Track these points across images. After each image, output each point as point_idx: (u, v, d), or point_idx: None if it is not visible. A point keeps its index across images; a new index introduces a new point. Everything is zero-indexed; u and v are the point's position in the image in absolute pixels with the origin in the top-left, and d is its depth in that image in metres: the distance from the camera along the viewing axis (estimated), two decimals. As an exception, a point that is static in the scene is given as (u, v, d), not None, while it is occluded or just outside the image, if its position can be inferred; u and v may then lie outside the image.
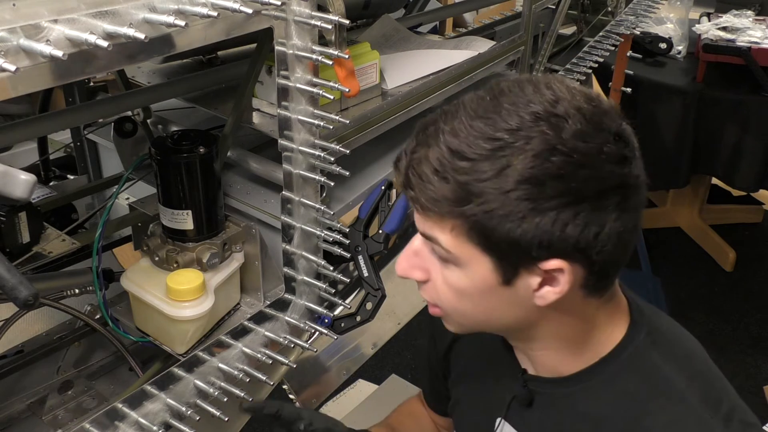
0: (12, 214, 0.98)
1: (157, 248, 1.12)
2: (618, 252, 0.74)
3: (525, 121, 0.69)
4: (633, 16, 2.17)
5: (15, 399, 1.11)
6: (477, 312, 0.80)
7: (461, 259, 0.75)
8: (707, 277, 3.14)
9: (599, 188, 0.70)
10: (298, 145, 1.02)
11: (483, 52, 1.46)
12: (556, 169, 0.68)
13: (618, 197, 0.71)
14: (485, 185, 0.69)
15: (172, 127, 1.25)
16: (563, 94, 0.72)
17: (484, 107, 0.72)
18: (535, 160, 0.68)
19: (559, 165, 0.68)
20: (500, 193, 0.69)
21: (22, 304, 0.76)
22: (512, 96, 0.72)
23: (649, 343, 0.83)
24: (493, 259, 0.73)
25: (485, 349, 0.96)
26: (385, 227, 1.09)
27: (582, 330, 0.82)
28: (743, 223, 3.47)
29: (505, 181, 0.68)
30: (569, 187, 0.69)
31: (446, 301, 0.80)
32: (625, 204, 0.72)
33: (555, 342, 0.83)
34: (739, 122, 2.65)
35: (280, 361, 1.08)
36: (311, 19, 0.94)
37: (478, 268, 0.74)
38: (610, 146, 0.70)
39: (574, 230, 0.70)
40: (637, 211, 0.74)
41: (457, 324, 0.84)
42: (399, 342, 2.67)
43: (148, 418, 0.94)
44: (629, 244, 0.75)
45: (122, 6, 0.73)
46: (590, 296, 0.78)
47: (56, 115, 1.15)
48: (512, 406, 0.90)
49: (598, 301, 0.80)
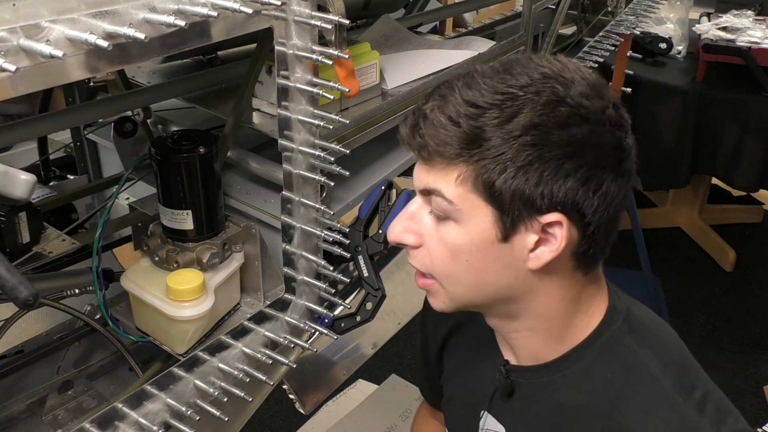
0: (12, 214, 0.98)
1: (157, 248, 1.12)
2: (610, 218, 0.77)
3: (535, 79, 0.74)
4: (633, 16, 2.17)
5: (15, 399, 1.11)
6: (469, 274, 0.80)
7: (462, 212, 0.76)
8: (707, 277, 3.14)
9: (600, 144, 0.74)
10: (298, 145, 1.02)
11: (483, 52, 1.46)
12: (563, 118, 0.72)
13: (615, 159, 0.76)
14: (494, 130, 0.72)
15: (172, 127, 1.25)
16: (570, 65, 0.77)
17: (496, 70, 0.77)
18: (544, 109, 0.72)
19: (566, 115, 0.72)
20: (508, 138, 0.72)
21: (22, 304, 0.76)
22: (522, 64, 0.77)
23: (625, 329, 0.85)
24: (495, 210, 0.75)
25: (473, 345, 0.98)
26: (386, 227, 1.09)
27: (565, 309, 0.83)
28: (743, 223, 3.47)
29: (513, 127, 0.72)
30: (572, 138, 0.73)
31: (439, 263, 0.81)
32: (620, 167, 0.76)
33: (538, 322, 0.84)
34: (739, 122, 2.65)
35: (280, 361, 1.08)
36: (311, 19, 0.94)
37: (479, 221, 0.76)
38: (610, 111, 0.76)
39: (574, 183, 0.73)
40: (629, 180, 0.78)
41: (445, 295, 0.84)
42: (399, 342, 2.67)
43: (148, 418, 0.94)
44: (620, 214, 0.79)
45: (122, 6, 0.73)
46: (578, 269, 0.81)
47: (56, 115, 1.15)
48: (494, 398, 0.92)
49: (584, 279, 0.82)
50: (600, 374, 0.83)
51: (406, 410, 2.05)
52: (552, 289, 0.81)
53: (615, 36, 2.05)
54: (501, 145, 0.72)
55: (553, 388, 0.85)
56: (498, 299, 0.83)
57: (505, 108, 0.72)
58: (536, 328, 0.85)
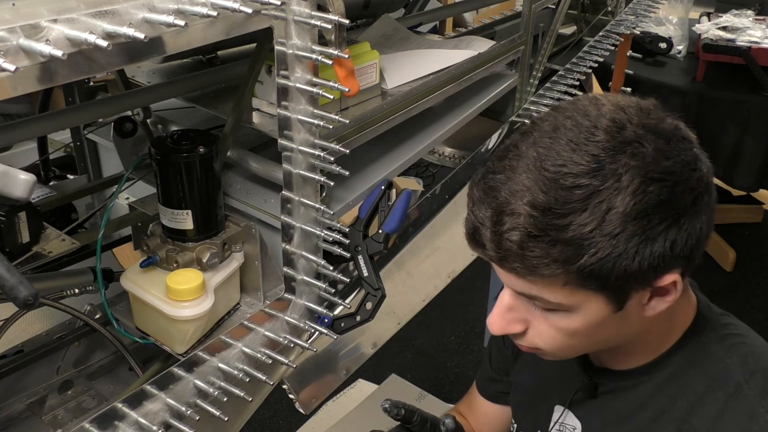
0: (12, 214, 0.98)
1: (156, 248, 1.12)
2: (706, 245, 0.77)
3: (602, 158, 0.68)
4: (633, 15, 2.17)
5: (15, 399, 1.11)
6: (589, 342, 0.81)
7: (573, 306, 0.74)
8: (707, 277, 3.14)
9: (692, 197, 0.72)
10: (297, 145, 1.02)
11: (483, 51, 1.46)
12: (656, 197, 0.69)
13: (707, 197, 0.74)
14: (593, 235, 0.68)
15: (172, 127, 1.25)
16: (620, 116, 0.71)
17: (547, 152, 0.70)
18: (635, 196, 0.68)
19: (657, 192, 0.69)
20: (610, 238, 0.68)
21: (22, 304, 0.76)
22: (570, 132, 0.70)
23: (713, 338, 0.85)
24: (607, 294, 0.73)
25: None
26: (385, 227, 1.09)
27: (666, 328, 0.85)
28: (743, 223, 3.47)
29: (611, 225, 0.68)
30: (671, 208, 0.70)
31: (554, 343, 0.80)
32: (711, 201, 0.75)
33: (639, 344, 0.85)
34: (739, 122, 2.65)
35: (280, 361, 1.08)
36: (311, 19, 0.94)
37: (591, 306, 0.75)
38: (685, 153, 0.72)
39: (681, 243, 0.71)
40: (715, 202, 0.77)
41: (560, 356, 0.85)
42: (399, 342, 2.67)
43: (148, 417, 0.94)
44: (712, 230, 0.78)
45: (122, 6, 0.73)
46: None
47: (56, 115, 1.15)
48: (576, 396, 0.92)
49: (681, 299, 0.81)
50: (683, 380, 0.83)
51: (406, 410, 2.05)
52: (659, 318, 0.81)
53: (615, 36, 2.05)
54: (605, 246, 0.68)
55: (638, 392, 0.86)
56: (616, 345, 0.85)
57: (592, 207, 0.67)
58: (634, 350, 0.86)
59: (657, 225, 0.69)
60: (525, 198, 0.69)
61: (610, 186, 0.67)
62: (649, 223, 0.69)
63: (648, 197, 0.68)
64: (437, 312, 2.86)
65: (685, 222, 0.71)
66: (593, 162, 0.68)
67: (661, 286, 0.75)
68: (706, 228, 0.75)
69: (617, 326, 0.79)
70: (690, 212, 0.72)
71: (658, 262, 0.71)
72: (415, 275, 1.44)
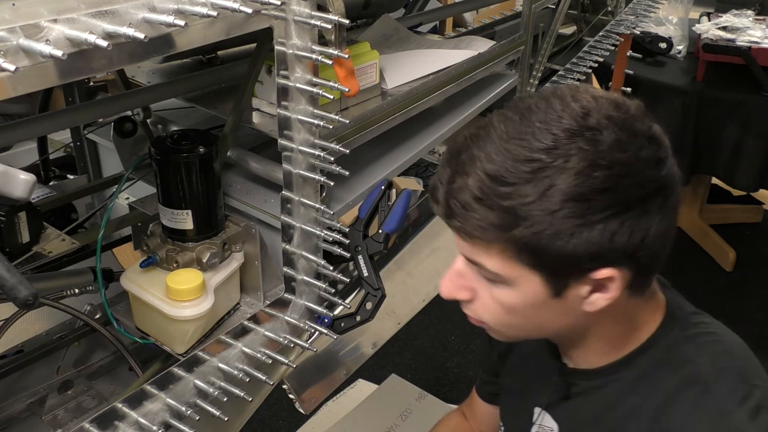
0: (12, 214, 0.98)
1: (156, 248, 1.12)
2: (661, 250, 0.77)
3: (560, 138, 0.70)
4: (633, 15, 2.17)
5: (15, 399, 1.11)
6: (527, 324, 0.82)
7: (510, 279, 0.76)
8: (707, 277, 3.14)
9: (642, 194, 0.72)
10: (297, 145, 1.02)
11: (483, 51, 1.46)
12: (600, 184, 0.69)
13: (660, 199, 0.73)
14: (531, 207, 0.70)
15: (172, 126, 1.25)
16: (591, 104, 0.72)
17: (515, 128, 0.73)
18: (578, 178, 0.69)
19: (602, 179, 0.69)
20: (547, 214, 0.70)
21: (22, 303, 0.76)
22: (541, 113, 0.73)
23: (683, 337, 0.85)
24: (543, 275, 0.75)
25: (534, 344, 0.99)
26: (385, 227, 1.09)
27: (624, 328, 0.85)
28: (743, 223, 3.47)
29: (550, 202, 0.69)
30: (614, 198, 0.70)
31: (495, 316, 0.82)
32: (665, 204, 0.74)
33: (597, 341, 0.86)
34: (739, 122, 2.65)
35: (280, 361, 1.08)
36: (311, 19, 0.94)
37: (528, 284, 0.76)
38: (646, 150, 0.72)
39: (622, 238, 0.72)
40: (676, 209, 0.77)
41: (504, 335, 0.87)
42: (399, 342, 2.67)
43: (148, 417, 0.94)
44: (670, 240, 0.78)
45: (122, 6, 0.73)
46: (634, 296, 0.81)
47: (56, 115, 1.15)
48: (551, 397, 0.94)
49: (640, 300, 0.83)
50: (653, 379, 0.84)
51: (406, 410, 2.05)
52: (609, 318, 0.82)
53: (615, 36, 2.05)
54: (540, 222, 0.70)
55: (608, 391, 0.87)
56: (558, 334, 0.88)
57: (538, 181, 0.69)
58: (593, 345, 0.87)
59: (597, 212, 0.70)
60: (480, 164, 0.72)
61: (559, 165, 0.69)
62: (588, 208, 0.70)
63: (591, 181, 0.69)
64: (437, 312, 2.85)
65: (630, 217, 0.71)
66: (551, 141, 0.70)
67: (600, 282, 0.75)
68: (660, 232, 0.74)
69: (558, 314, 0.79)
70: (638, 208, 0.72)
71: (593, 251, 0.71)
72: (415, 275, 1.44)
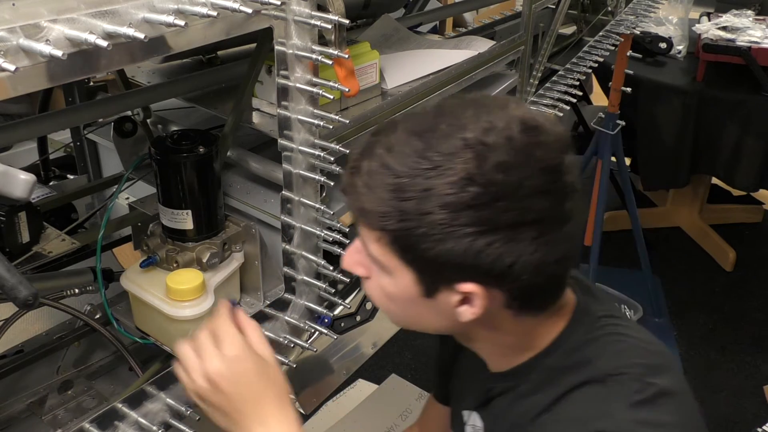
0: (12, 214, 0.98)
1: (156, 248, 1.12)
2: (540, 281, 0.76)
3: (456, 146, 0.71)
4: (633, 15, 2.17)
5: (15, 399, 1.11)
6: (406, 316, 0.85)
7: (388, 268, 0.78)
8: (707, 277, 3.14)
9: (515, 221, 0.72)
10: (297, 145, 1.02)
11: (483, 51, 1.46)
12: (470, 199, 0.70)
13: (535, 231, 0.72)
14: (407, 204, 0.72)
15: (172, 126, 1.25)
16: (499, 123, 0.72)
17: (424, 125, 0.74)
18: (453, 188, 0.70)
19: (473, 195, 0.70)
20: (419, 214, 0.72)
21: (22, 303, 0.76)
22: (451, 118, 0.74)
23: (585, 339, 0.85)
24: (414, 272, 0.76)
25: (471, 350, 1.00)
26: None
27: (516, 339, 0.86)
28: (743, 223, 3.47)
29: (425, 203, 0.71)
30: (482, 217, 0.71)
31: (379, 301, 0.84)
32: (544, 238, 0.73)
33: (492, 347, 0.89)
34: (739, 122, 2.65)
35: (280, 360, 1.08)
36: (311, 19, 0.94)
37: (402, 278, 0.78)
38: (533, 180, 0.71)
39: (486, 258, 0.72)
40: (566, 243, 0.76)
41: (394, 322, 0.89)
42: (399, 342, 2.67)
43: (148, 417, 0.94)
44: (555, 273, 0.78)
45: (122, 6, 0.73)
46: (523, 315, 0.81)
47: (56, 115, 1.15)
48: (480, 399, 0.96)
49: (534, 318, 0.83)
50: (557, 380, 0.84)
51: (406, 410, 2.05)
52: (494, 331, 0.84)
53: (615, 36, 2.05)
54: (412, 220, 0.72)
55: (518, 392, 0.88)
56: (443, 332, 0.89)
57: (422, 180, 0.71)
58: (488, 351, 0.90)
59: (464, 226, 0.71)
60: (381, 150, 0.74)
61: (442, 171, 0.71)
62: (455, 220, 0.71)
63: (463, 195, 0.70)
64: (437, 312, 2.85)
65: (498, 240, 0.71)
66: (447, 146, 0.71)
67: (466, 295, 0.76)
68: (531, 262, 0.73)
69: (434, 315, 0.81)
70: (507, 234, 0.71)
71: (456, 263, 0.72)
72: (415, 275, 1.43)
